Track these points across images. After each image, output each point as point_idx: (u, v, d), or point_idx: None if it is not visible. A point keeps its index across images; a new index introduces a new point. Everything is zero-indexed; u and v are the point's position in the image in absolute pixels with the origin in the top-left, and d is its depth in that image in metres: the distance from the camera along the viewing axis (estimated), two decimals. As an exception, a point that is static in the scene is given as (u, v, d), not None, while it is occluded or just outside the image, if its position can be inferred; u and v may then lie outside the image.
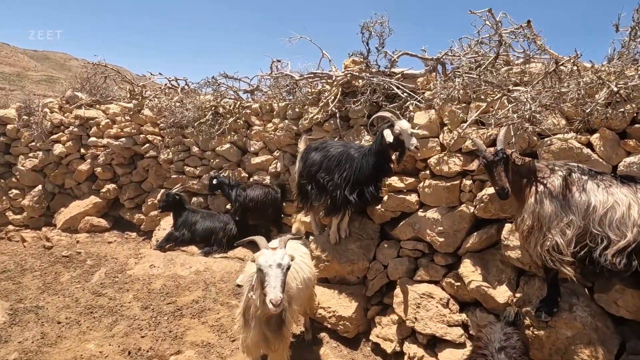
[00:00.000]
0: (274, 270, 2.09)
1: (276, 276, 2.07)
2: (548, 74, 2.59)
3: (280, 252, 2.17)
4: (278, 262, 2.11)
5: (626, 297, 2.40)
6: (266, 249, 2.22)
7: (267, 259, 2.12)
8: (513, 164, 2.40)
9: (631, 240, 2.06)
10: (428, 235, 3.25)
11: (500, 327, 2.24)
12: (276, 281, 2.06)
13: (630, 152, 2.48)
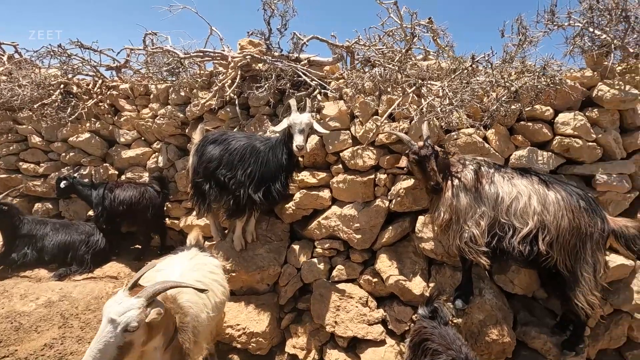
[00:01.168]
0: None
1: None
2: (464, 70, 2.68)
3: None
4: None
5: (521, 277, 2.71)
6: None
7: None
8: (436, 159, 2.40)
9: (532, 228, 2.27)
10: (344, 232, 3.10)
11: (451, 330, 2.21)
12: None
13: (519, 146, 2.78)
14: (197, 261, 2.41)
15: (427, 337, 2.13)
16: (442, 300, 2.44)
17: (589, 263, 2.25)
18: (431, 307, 2.31)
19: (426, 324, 2.21)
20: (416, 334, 2.23)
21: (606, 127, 2.63)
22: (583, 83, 2.71)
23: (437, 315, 2.27)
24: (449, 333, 2.13)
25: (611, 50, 2.61)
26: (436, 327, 2.18)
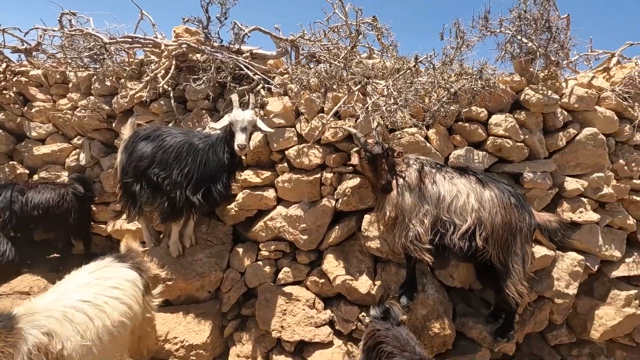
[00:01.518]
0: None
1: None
2: (408, 70, 2.71)
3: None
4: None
5: (459, 271, 2.84)
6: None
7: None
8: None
9: (471, 224, 2.37)
10: (290, 234, 2.99)
11: (404, 330, 2.21)
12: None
13: (457, 146, 2.89)
14: (98, 275, 2.13)
15: (381, 339, 2.11)
16: (392, 300, 2.43)
17: (519, 255, 2.41)
18: (383, 308, 2.30)
19: (379, 326, 2.19)
20: (369, 337, 2.21)
21: (532, 129, 2.85)
22: (512, 87, 2.90)
23: (389, 316, 2.26)
24: (402, 334, 2.13)
25: (536, 57, 2.82)
26: (389, 329, 2.17)
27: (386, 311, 2.27)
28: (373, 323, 2.26)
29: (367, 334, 2.24)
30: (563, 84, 2.96)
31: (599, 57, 3.39)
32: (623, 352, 2.99)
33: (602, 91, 2.91)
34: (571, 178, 2.85)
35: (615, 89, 2.89)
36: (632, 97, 2.86)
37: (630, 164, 2.88)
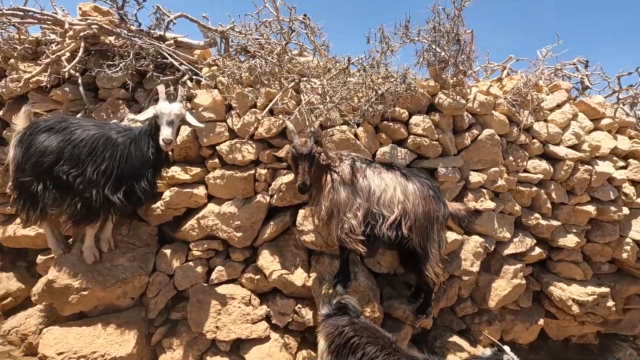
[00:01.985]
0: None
1: None
2: (342, 70, 2.82)
3: None
4: None
5: (386, 258, 3.10)
6: None
7: None
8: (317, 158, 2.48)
9: (398, 215, 2.60)
10: (224, 231, 2.92)
11: (364, 320, 2.29)
12: None
13: (383, 143, 3.13)
14: None
15: (352, 334, 2.14)
16: (345, 295, 2.51)
17: (436, 241, 2.73)
18: (338, 305, 2.35)
19: (341, 322, 2.22)
20: (337, 335, 2.19)
21: (444, 129, 3.22)
22: (429, 91, 3.23)
23: (348, 311, 2.33)
24: (367, 324, 2.23)
25: (448, 65, 3.19)
26: (355, 323, 2.23)
27: (344, 307, 2.34)
28: (331, 321, 2.26)
29: (329, 334, 2.22)
30: (468, 91, 3.40)
31: (494, 69, 3.97)
32: (511, 316, 3.60)
33: (497, 98, 3.43)
34: (474, 172, 3.31)
35: (506, 97, 3.43)
36: (519, 104, 3.42)
37: (517, 160, 3.46)
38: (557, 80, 3.93)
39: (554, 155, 3.51)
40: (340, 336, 2.16)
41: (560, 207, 3.59)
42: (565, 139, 3.57)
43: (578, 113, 3.78)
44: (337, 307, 2.34)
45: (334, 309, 2.35)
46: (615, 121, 3.82)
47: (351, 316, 2.28)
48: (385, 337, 2.14)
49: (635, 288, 3.76)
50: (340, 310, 2.33)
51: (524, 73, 3.65)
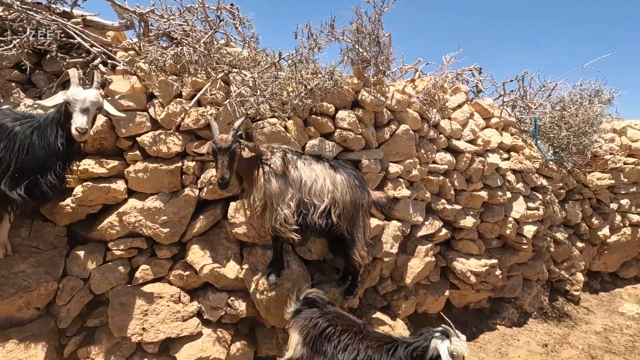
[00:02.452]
0: None
1: None
2: (273, 64, 2.84)
3: None
4: None
5: (316, 245, 3.26)
6: None
7: None
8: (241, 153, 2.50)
9: (327, 204, 2.77)
10: (149, 228, 2.76)
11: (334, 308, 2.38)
12: None
13: (312, 136, 3.26)
14: None
15: (327, 324, 2.24)
16: (312, 289, 2.61)
17: (362, 227, 2.98)
18: (306, 300, 2.45)
19: (314, 314, 2.32)
20: (311, 328, 2.28)
21: (367, 124, 3.49)
22: (353, 88, 3.46)
23: (318, 303, 2.43)
24: (338, 312, 2.34)
25: (369, 65, 3.45)
26: (328, 312, 2.34)
27: (313, 301, 2.44)
28: (303, 315, 2.35)
29: (304, 327, 2.30)
30: (387, 89, 3.72)
31: (408, 70, 4.40)
32: (424, 290, 4.09)
33: (410, 97, 3.82)
34: (393, 163, 3.66)
35: (418, 97, 3.84)
36: (428, 103, 3.87)
37: (427, 152, 3.91)
38: (458, 84, 4.53)
39: (456, 148, 4.05)
40: (315, 327, 2.27)
41: (461, 193, 4.17)
42: (464, 134, 4.15)
43: (474, 113, 4.42)
44: (304, 302, 2.44)
45: (302, 305, 2.44)
46: (501, 120, 4.56)
47: (320, 307, 2.38)
48: (357, 322, 2.32)
49: (515, 258, 4.58)
50: (308, 304, 2.43)
51: (432, 76, 4.12)
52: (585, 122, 4.51)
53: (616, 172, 5.49)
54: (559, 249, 5.15)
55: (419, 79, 4.22)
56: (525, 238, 4.46)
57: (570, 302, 5.32)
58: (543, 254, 4.96)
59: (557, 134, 4.54)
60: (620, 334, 4.67)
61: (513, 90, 4.73)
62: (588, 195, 5.46)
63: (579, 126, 4.51)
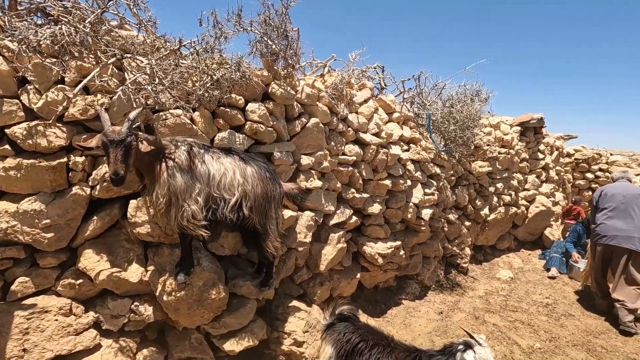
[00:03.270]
0: None
1: None
2: (174, 51, 2.64)
3: None
4: None
5: (228, 240, 3.19)
6: None
7: None
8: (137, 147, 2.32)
9: (238, 197, 2.73)
10: (27, 234, 2.39)
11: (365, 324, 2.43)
12: None
13: (221, 129, 3.17)
14: None
15: (359, 340, 2.29)
16: (345, 306, 2.62)
17: (274, 218, 3.02)
18: (341, 316, 2.50)
19: (346, 329, 2.37)
20: (345, 342, 2.34)
21: (278, 117, 3.52)
22: (263, 80, 3.45)
23: (350, 318, 2.48)
24: (369, 327, 2.41)
25: (278, 58, 3.47)
26: (360, 327, 2.41)
27: (347, 317, 2.49)
28: (336, 329, 2.40)
29: (337, 340, 2.36)
30: (297, 83, 3.79)
31: (318, 65, 4.54)
32: (337, 275, 4.33)
33: (320, 92, 3.96)
34: (305, 156, 3.76)
35: (327, 91, 4.00)
36: (337, 98, 4.06)
37: (337, 145, 4.12)
38: (365, 80, 4.83)
39: (363, 141, 4.34)
40: (349, 342, 2.35)
41: (368, 182, 4.50)
42: (370, 128, 4.46)
43: (378, 108, 4.78)
44: (338, 317, 2.49)
45: (336, 319, 2.49)
46: (402, 115, 5.02)
47: (352, 322, 2.45)
48: (386, 336, 2.39)
49: (416, 239, 5.12)
50: (341, 319, 2.48)
51: (340, 72, 4.33)
52: (468, 118, 5.22)
53: (493, 161, 6.50)
54: (451, 228, 5.91)
55: (328, 74, 4.39)
56: (423, 220, 5.01)
57: (461, 274, 6.17)
58: (439, 234, 5.65)
59: (446, 128, 5.17)
60: (497, 295, 5.59)
61: (411, 88, 5.23)
62: (473, 180, 6.36)
63: (464, 121, 5.20)
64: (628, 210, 4.75)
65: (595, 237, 4.99)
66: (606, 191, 5.00)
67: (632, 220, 4.69)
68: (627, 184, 5.05)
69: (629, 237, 4.66)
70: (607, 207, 4.88)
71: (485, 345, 2.30)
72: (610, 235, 4.77)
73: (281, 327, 3.46)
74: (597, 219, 5.01)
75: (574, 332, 4.59)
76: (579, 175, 9.56)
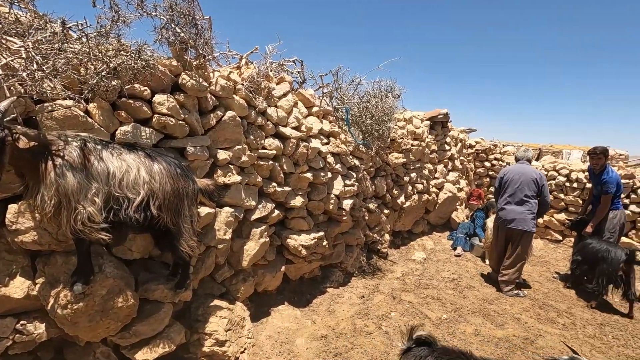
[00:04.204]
0: None
1: None
2: (55, 33, 2.30)
3: None
4: None
5: (137, 242, 2.96)
6: None
7: None
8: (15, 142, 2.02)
9: (144, 196, 2.54)
10: None
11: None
12: None
13: (123, 122, 2.90)
14: None
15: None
16: (421, 332, 2.48)
17: (188, 216, 2.87)
18: (420, 341, 2.40)
19: (425, 353, 2.28)
20: None
21: (190, 110, 3.34)
22: (171, 70, 3.23)
23: (428, 343, 2.39)
24: (446, 347, 2.33)
25: (188, 47, 3.28)
26: (436, 350, 2.31)
27: (427, 342, 2.39)
28: (413, 353, 2.32)
29: None
30: (211, 74, 3.64)
31: (234, 57, 4.41)
32: (262, 270, 4.31)
33: (236, 84, 3.85)
34: (222, 150, 3.64)
35: (244, 84, 3.91)
36: (254, 91, 4.00)
37: (256, 139, 4.06)
38: (283, 74, 4.83)
39: (283, 134, 4.35)
40: None
41: (290, 176, 4.53)
42: (290, 121, 4.49)
43: (298, 102, 4.82)
44: (415, 341, 2.39)
45: (413, 343, 2.38)
46: (321, 109, 5.15)
47: (430, 346, 2.36)
48: (464, 354, 2.29)
49: (338, 229, 5.33)
50: (418, 344, 2.38)
51: (257, 64, 4.26)
52: (383, 113, 5.56)
53: (407, 153, 7.04)
54: (372, 216, 6.27)
55: (245, 67, 4.29)
56: (345, 211, 5.23)
57: (381, 258, 6.60)
58: (360, 222, 5.95)
59: (363, 122, 5.44)
60: (412, 275, 6.10)
61: (329, 83, 5.37)
62: (390, 171, 6.81)
63: (379, 116, 5.52)
64: (522, 196, 5.54)
65: (499, 221, 5.81)
66: (507, 177, 5.74)
67: (527, 204, 5.51)
68: (525, 166, 5.73)
69: (524, 220, 5.45)
70: (507, 192, 5.66)
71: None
72: (509, 219, 5.57)
73: (201, 329, 3.33)
74: (499, 203, 5.82)
75: (474, 301, 5.25)
76: (479, 164, 10.84)
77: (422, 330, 2.53)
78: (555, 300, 5.51)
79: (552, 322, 4.82)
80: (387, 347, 3.93)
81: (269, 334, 4.00)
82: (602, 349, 4.22)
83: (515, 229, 5.50)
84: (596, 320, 4.95)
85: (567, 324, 4.78)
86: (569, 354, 2.70)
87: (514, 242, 5.59)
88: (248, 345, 3.64)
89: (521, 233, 5.48)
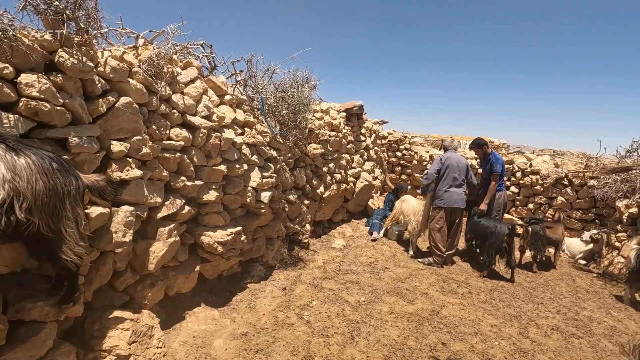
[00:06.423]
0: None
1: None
2: None
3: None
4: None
5: (3, 254, 2.43)
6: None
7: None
8: None
9: (5, 197, 2.07)
10: None
11: None
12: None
13: (-26, 107, 2.34)
14: None
15: None
16: None
17: (71, 219, 2.45)
18: None
19: None
20: None
21: (72, 94, 2.84)
22: (44, 46, 2.70)
23: None
24: None
25: (65, 19, 2.77)
26: None
27: None
28: None
29: None
30: (99, 54, 3.14)
31: (130, 35, 3.89)
32: (173, 272, 3.96)
33: (132, 66, 3.40)
34: (116, 141, 3.20)
35: (143, 67, 3.48)
36: (155, 75, 3.58)
37: (160, 128, 3.66)
38: (191, 59, 4.44)
39: (191, 124, 4.01)
40: None
41: (201, 169, 4.22)
42: (199, 110, 4.16)
43: (208, 89, 4.49)
44: None
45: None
46: (234, 98, 4.89)
47: None
48: None
49: (257, 222, 5.17)
50: None
51: (158, 46, 3.83)
52: (299, 103, 5.51)
53: (325, 143, 7.14)
54: (292, 208, 6.24)
55: (144, 48, 3.83)
56: (263, 203, 5.09)
57: (303, 249, 6.64)
58: (280, 214, 5.87)
59: (280, 112, 5.33)
60: (332, 263, 6.26)
61: (243, 70, 5.12)
62: (309, 162, 6.85)
63: (295, 106, 5.46)
64: (461, 180, 6.43)
65: (440, 202, 6.43)
66: (447, 164, 6.43)
67: (463, 187, 6.48)
68: (458, 155, 6.63)
69: (462, 200, 6.43)
70: (449, 177, 6.37)
71: None
72: (454, 200, 6.37)
73: (98, 346, 2.92)
74: (441, 186, 6.43)
75: (389, 282, 5.60)
76: (391, 154, 11.59)
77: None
78: (455, 274, 6.19)
79: (454, 293, 5.40)
80: (309, 336, 3.96)
81: (184, 339, 3.70)
82: (491, 312, 4.87)
83: (459, 208, 6.42)
84: (487, 287, 5.69)
85: (465, 294, 5.40)
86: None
87: (456, 218, 6.52)
88: (158, 355, 3.32)
89: (462, 211, 6.50)
